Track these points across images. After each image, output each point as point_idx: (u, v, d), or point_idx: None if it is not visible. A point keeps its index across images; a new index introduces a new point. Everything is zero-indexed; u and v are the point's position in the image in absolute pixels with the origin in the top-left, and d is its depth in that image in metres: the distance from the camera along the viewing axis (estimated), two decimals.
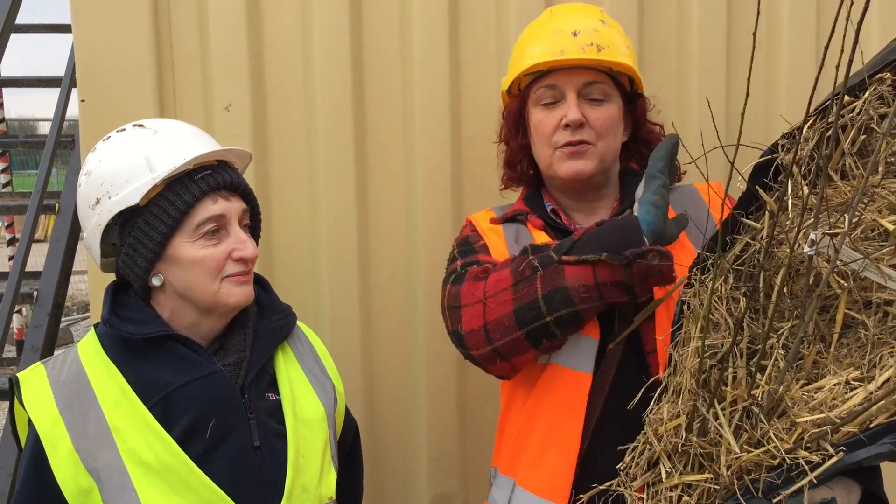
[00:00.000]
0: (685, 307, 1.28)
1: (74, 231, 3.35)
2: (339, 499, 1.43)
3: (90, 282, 1.92)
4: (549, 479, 1.43)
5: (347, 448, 1.56)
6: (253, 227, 1.42)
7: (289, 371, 1.42)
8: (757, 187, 1.26)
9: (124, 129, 1.35)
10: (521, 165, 1.64)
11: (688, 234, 1.47)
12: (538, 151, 1.57)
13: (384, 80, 2.04)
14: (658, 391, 1.26)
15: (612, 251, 1.29)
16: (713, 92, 2.14)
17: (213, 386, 1.29)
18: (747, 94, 1.07)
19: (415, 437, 2.12)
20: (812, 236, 1.05)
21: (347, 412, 1.57)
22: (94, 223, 1.30)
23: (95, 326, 1.38)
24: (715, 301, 1.20)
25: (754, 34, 1.09)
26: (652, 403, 1.26)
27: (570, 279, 1.31)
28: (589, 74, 1.50)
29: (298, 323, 1.52)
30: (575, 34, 1.50)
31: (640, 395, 1.29)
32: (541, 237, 1.53)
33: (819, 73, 0.99)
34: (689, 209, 1.51)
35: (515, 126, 1.62)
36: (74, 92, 3.66)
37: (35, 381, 1.29)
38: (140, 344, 1.29)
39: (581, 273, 1.30)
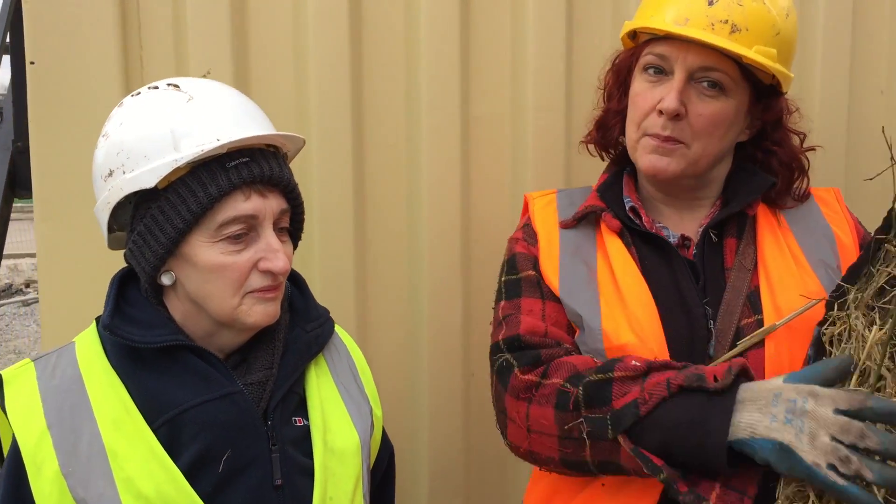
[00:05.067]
0: (828, 346, 1.08)
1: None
2: None
3: (39, 264, 1.66)
4: None
5: (381, 473, 1.36)
6: (293, 230, 1.20)
7: (321, 391, 1.21)
8: None
9: (156, 87, 1.13)
10: (613, 130, 1.41)
11: (801, 246, 1.28)
12: (627, 128, 1.35)
13: (386, 49, 1.80)
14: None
15: (676, 459, 1.06)
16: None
17: (231, 409, 1.09)
18: None
19: (416, 454, 1.91)
20: None
21: (384, 435, 1.36)
22: (103, 198, 1.11)
23: (98, 320, 1.15)
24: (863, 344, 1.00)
25: None
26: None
27: (625, 461, 1.10)
28: (710, 57, 1.24)
29: (337, 328, 1.30)
30: (711, 2, 1.23)
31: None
32: (613, 245, 1.31)
33: None
34: (807, 216, 1.33)
35: (619, 84, 1.39)
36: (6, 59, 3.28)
37: (22, 384, 1.09)
38: (147, 353, 1.09)
39: (636, 464, 1.08)
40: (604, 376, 1.13)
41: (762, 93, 1.31)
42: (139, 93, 1.14)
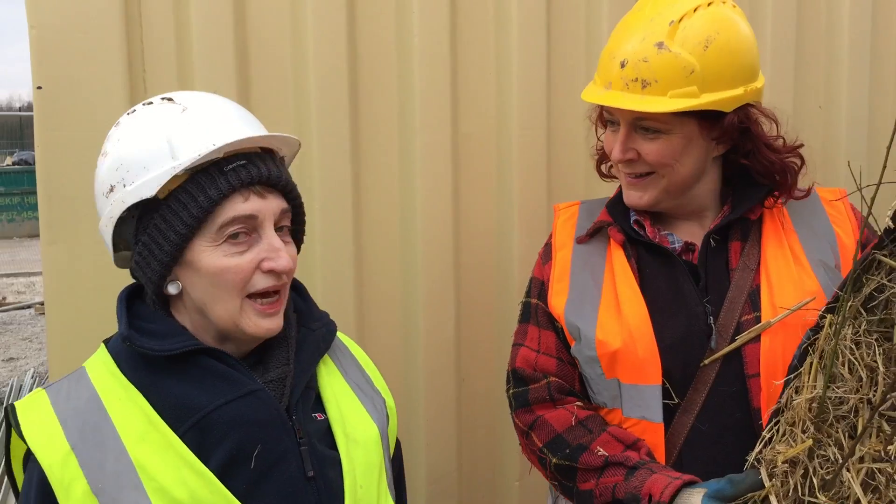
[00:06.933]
0: (812, 350, 1.18)
1: None
2: None
3: (45, 287, 1.68)
4: None
5: (396, 470, 1.38)
6: (294, 230, 1.22)
7: (334, 387, 1.23)
8: None
9: (151, 103, 1.14)
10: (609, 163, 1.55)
11: (803, 247, 1.39)
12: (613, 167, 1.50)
13: (382, 74, 1.89)
14: (770, 431, 1.19)
15: None
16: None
17: (256, 406, 1.10)
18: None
19: (414, 459, 1.98)
20: None
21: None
22: (106, 214, 1.12)
23: (106, 342, 1.16)
24: (845, 348, 1.12)
25: None
26: (763, 445, 1.19)
27: None
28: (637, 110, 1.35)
29: (338, 333, 1.33)
30: (622, 65, 1.34)
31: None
32: (618, 257, 1.44)
33: None
34: (811, 218, 1.44)
35: (602, 122, 1.51)
36: None
37: (37, 411, 1.07)
38: (165, 361, 1.09)
39: None
40: (569, 463, 1.36)
41: (710, 116, 1.36)
42: (135, 110, 1.15)
